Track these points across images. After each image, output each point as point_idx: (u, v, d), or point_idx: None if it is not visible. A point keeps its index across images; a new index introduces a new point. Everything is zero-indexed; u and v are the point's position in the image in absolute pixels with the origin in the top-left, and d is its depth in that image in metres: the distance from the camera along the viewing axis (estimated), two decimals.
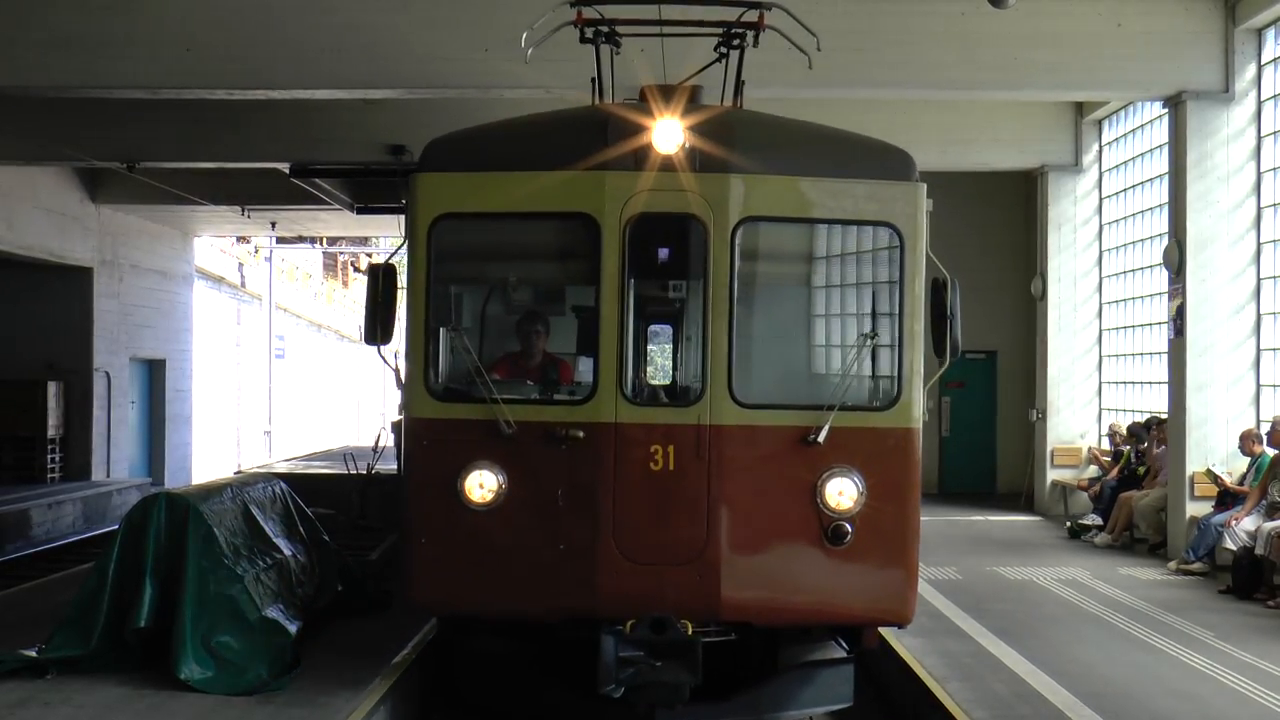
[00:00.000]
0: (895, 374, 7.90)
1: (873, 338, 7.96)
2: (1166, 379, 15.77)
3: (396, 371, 8.10)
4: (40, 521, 21.47)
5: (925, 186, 7.95)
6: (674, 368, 9.10)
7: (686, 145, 7.68)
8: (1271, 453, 13.58)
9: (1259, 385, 14.90)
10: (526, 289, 8.74)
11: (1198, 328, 14.79)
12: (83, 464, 25.64)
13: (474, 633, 8.23)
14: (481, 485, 7.68)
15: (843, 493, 7.68)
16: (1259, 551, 12.53)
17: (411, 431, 7.98)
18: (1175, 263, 15.00)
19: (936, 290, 8.10)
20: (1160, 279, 16.46)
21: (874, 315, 8.13)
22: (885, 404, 7.91)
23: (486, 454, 7.68)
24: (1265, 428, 14.06)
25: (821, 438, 7.64)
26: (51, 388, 24.92)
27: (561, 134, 8.18)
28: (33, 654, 8.81)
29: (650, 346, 9.75)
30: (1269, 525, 12.59)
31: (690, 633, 7.30)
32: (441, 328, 8.02)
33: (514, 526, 7.70)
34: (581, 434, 7.60)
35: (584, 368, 8.18)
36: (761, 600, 7.73)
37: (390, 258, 8.36)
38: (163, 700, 8.14)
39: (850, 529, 7.65)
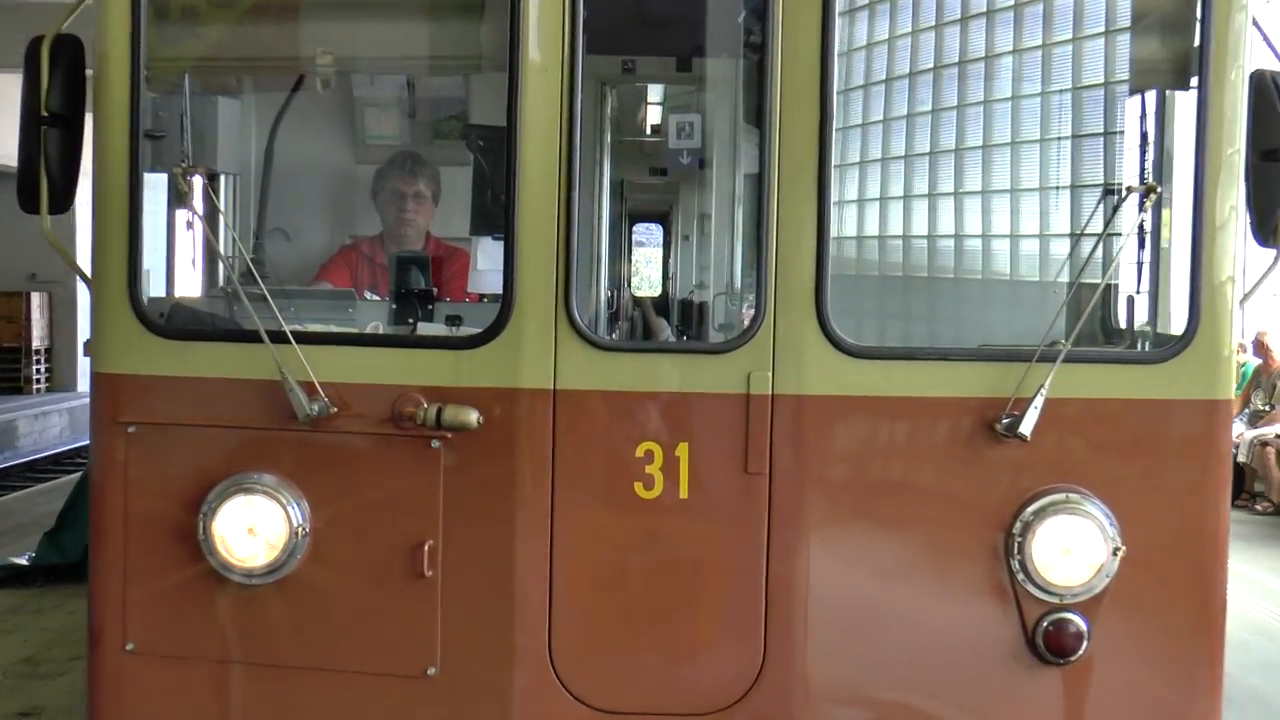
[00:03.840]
0: (1189, 283, 4.01)
1: (1150, 198, 3.96)
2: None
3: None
4: (27, 432, 21.52)
5: None
6: (668, 273, 4.77)
7: None
8: (1255, 362, 13.67)
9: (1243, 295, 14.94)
10: (384, 110, 4.50)
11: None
12: (69, 375, 25.66)
13: None
14: (253, 530, 3.80)
15: (1070, 550, 3.77)
16: (1241, 459, 12.65)
17: (105, 406, 4.01)
18: None
19: (1261, 98, 3.96)
20: None
21: (1141, 160, 4.34)
22: (1165, 350, 3.95)
23: (265, 459, 3.82)
24: (1249, 337, 14.13)
25: (1027, 427, 3.66)
26: (35, 299, 24.81)
27: None
28: (23, 561, 8.88)
29: (638, 238, 5.23)
30: (1251, 433, 12.71)
31: None
32: (170, 175, 4.16)
33: (327, 621, 3.85)
34: (478, 417, 3.69)
35: (486, 265, 4.24)
36: None
37: (65, 21, 4.08)
38: None
39: (1086, 628, 3.80)
